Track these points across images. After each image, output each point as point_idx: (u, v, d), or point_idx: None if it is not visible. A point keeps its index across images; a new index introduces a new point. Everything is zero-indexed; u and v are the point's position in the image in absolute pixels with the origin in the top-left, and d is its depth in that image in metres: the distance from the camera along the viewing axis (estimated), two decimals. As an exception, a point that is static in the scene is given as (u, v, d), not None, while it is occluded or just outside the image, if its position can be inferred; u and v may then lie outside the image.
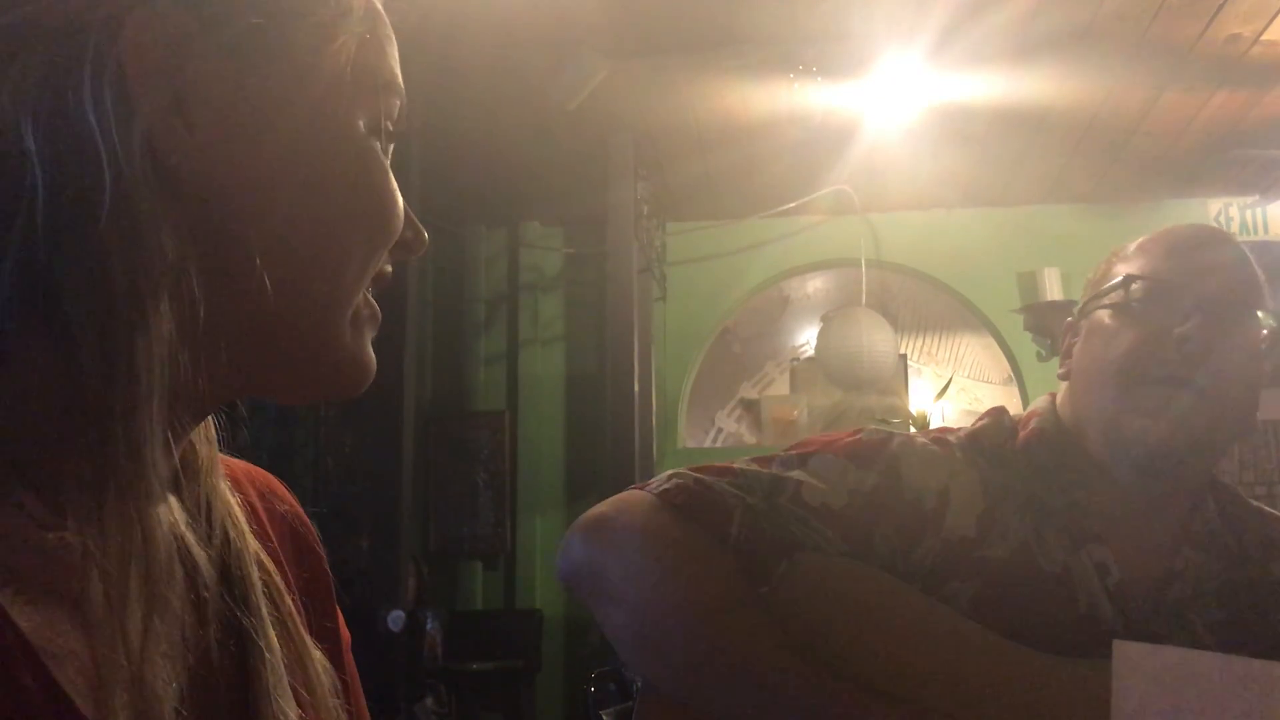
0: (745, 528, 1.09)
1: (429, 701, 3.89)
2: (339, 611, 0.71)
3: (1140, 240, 1.20)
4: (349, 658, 0.71)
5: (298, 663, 0.60)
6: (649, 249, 4.46)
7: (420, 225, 0.60)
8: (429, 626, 3.95)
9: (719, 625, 1.04)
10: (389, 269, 0.59)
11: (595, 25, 3.24)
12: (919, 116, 3.81)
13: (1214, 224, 4.69)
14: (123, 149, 0.47)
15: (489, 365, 4.86)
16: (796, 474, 1.15)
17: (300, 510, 0.70)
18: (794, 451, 1.19)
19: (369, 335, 0.58)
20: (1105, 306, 1.17)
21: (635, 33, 3.31)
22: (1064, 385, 1.23)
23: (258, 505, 0.66)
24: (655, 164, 4.30)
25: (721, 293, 4.93)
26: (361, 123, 0.55)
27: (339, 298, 0.55)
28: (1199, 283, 1.12)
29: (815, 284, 6.22)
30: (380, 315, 0.58)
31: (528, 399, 4.80)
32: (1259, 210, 4.71)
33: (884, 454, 1.17)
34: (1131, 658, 0.91)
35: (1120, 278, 1.16)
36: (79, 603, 0.47)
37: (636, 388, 4.07)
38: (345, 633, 0.72)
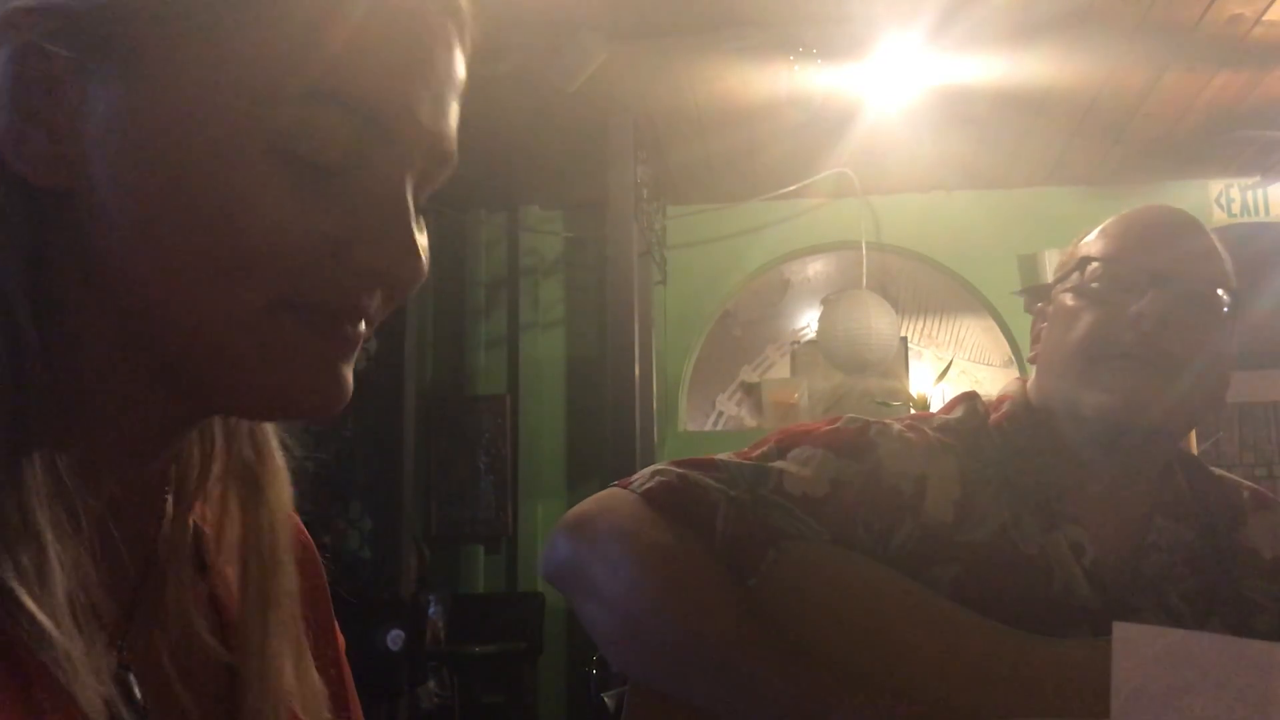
0: (730, 521, 1.11)
1: (431, 684, 3.91)
2: (335, 622, 0.72)
3: (1103, 224, 1.21)
4: (344, 662, 0.72)
5: (299, 690, 0.61)
6: (649, 232, 4.45)
7: (404, 247, 0.53)
8: (431, 610, 3.97)
9: (700, 620, 1.06)
10: (367, 304, 0.53)
11: (594, 7, 3.23)
12: (919, 98, 3.80)
13: (1215, 205, 4.68)
14: None
15: (489, 349, 4.86)
16: (778, 464, 1.16)
17: (299, 520, 0.69)
18: (773, 443, 1.20)
19: (322, 353, 0.53)
20: (1066, 290, 1.17)
21: (635, 15, 3.30)
22: (1033, 369, 1.24)
23: None
24: (655, 147, 4.29)
25: (722, 276, 4.93)
26: (255, 142, 0.49)
27: (226, 325, 0.50)
28: (1153, 259, 1.12)
29: (816, 267, 6.21)
30: (351, 341, 0.54)
31: (528, 383, 4.80)
32: (1260, 191, 4.69)
33: (862, 442, 1.18)
34: (1131, 639, 0.91)
35: (1077, 260, 1.17)
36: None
37: (637, 371, 4.07)
38: (340, 638, 0.72)
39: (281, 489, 0.62)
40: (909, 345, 5.99)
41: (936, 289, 6.00)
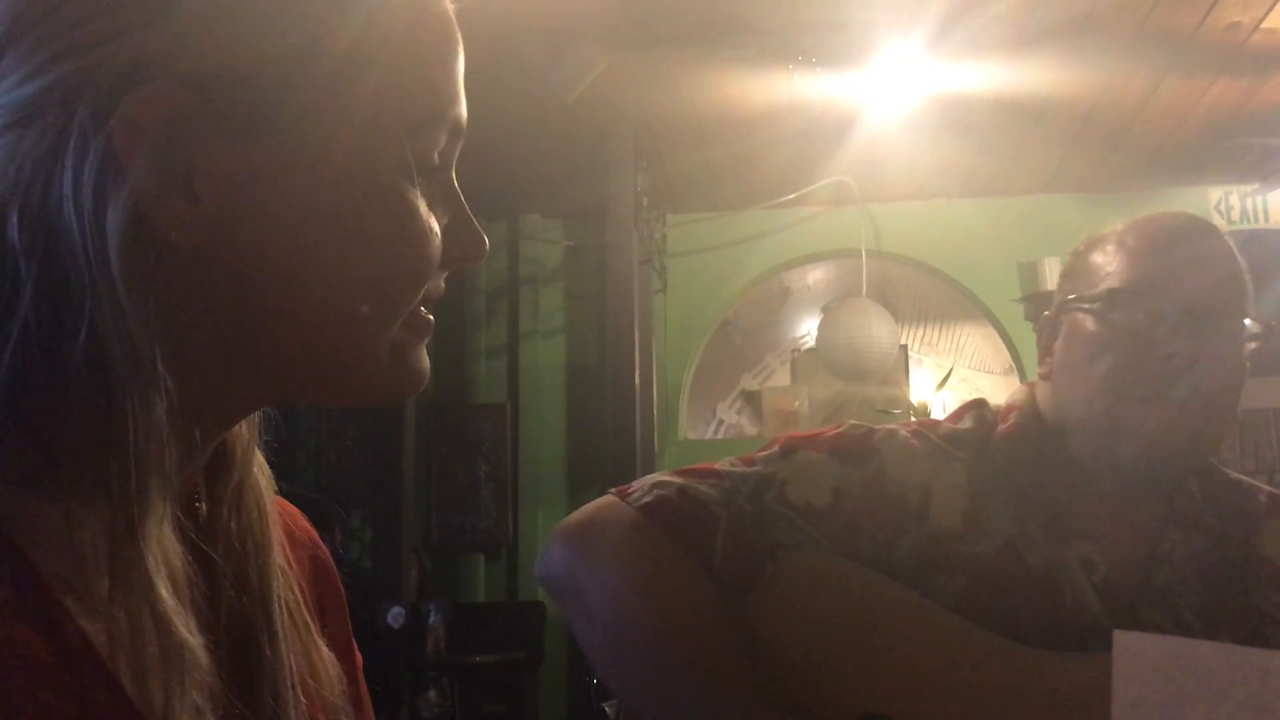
0: (730, 537, 1.10)
1: (432, 694, 3.90)
2: (352, 638, 0.73)
3: (1119, 233, 1.17)
4: (361, 679, 0.72)
5: (309, 668, 0.61)
6: (649, 241, 4.45)
7: (478, 235, 0.60)
8: (431, 619, 3.96)
9: (682, 651, 1.06)
10: (442, 286, 0.59)
11: (594, 16, 3.23)
12: (919, 106, 3.80)
13: (1215, 213, 4.68)
14: (95, 242, 0.48)
15: (490, 358, 4.86)
16: (781, 472, 1.15)
17: (317, 537, 0.72)
18: (777, 448, 1.19)
19: (415, 346, 0.58)
20: (1087, 310, 1.14)
21: (634, 24, 3.31)
22: (1044, 382, 1.21)
23: (280, 524, 0.67)
24: (655, 155, 4.29)
25: (722, 284, 4.93)
26: (388, 169, 0.54)
27: (367, 337, 0.55)
28: (1184, 294, 1.09)
29: (816, 275, 6.21)
30: (431, 324, 0.59)
31: (529, 391, 4.80)
32: (1259, 198, 4.70)
33: (867, 449, 1.17)
34: (1131, 648, 0.91)
35: (1102, 288, 1.13)
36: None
37: (637, 379, 4.07)
38: (358, 655, 0.73)
39: (263, 469, 0.64)
40: (909, 353, 5.99)
41: (936, 297, 6.00)
